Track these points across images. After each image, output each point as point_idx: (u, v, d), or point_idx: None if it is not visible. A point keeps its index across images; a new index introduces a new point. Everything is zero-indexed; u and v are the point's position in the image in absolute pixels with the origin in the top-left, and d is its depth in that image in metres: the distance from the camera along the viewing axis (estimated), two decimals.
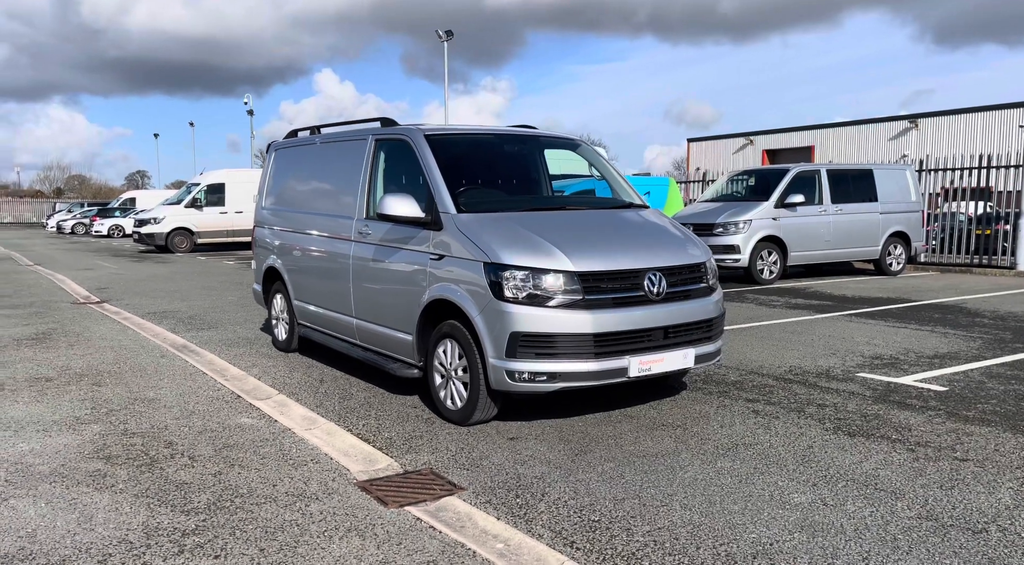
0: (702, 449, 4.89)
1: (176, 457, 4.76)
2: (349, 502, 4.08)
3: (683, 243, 5.74)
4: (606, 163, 6.85)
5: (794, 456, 4.74)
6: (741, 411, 5.73)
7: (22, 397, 6.20)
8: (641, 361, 5.13)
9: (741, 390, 6.34)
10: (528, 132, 6.81)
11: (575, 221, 5.74)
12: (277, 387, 6.58)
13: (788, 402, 5.96)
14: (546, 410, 5.73)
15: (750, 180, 16.09)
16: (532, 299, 4.98)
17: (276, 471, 4.53)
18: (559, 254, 5.06)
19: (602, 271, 5.11)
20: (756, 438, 5.10)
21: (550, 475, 4.47)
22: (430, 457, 4.82)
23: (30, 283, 15.90)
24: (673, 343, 5.32)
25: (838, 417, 5.54)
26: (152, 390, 6.45)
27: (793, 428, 5.30)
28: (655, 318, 5.21)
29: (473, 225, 5.37)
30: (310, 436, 5.23)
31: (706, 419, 5.54)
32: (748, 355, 7.74)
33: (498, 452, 4.88)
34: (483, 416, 5.34)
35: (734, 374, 6.92)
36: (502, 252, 5.09)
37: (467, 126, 6.66)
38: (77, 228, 46.28)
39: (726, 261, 14.12)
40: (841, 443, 4.97)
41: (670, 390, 6.31)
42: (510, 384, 5.04)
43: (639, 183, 17.74)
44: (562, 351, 4.97)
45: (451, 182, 5.72)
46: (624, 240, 5.54)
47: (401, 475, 4.56)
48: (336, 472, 4.55)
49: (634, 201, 6.45)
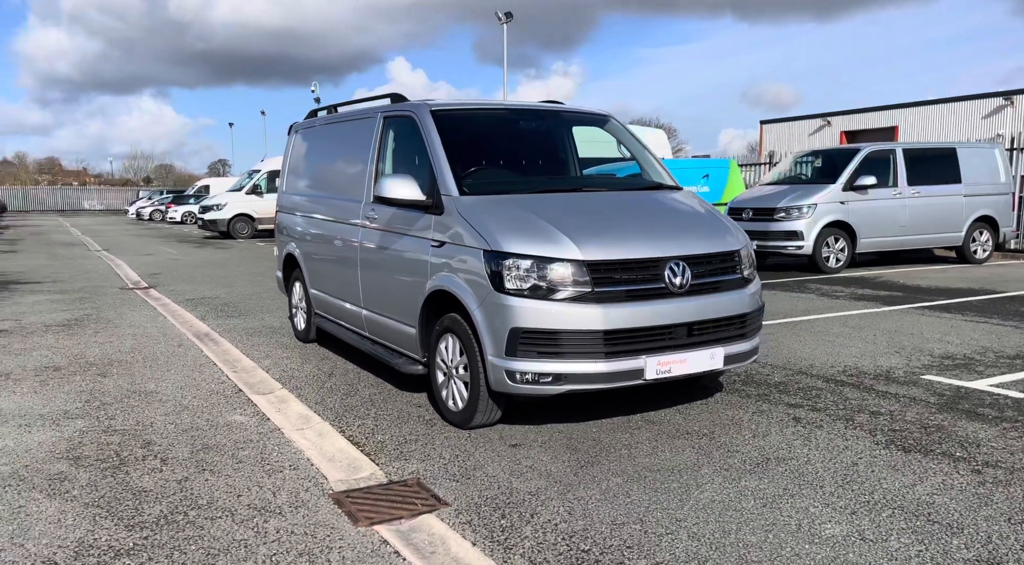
0: (727, 463, 4.28)
1: (148, 459, 4.41)
2: (314, 518, 3.64)
3: (714, 228, 5.10)
4: (636, 142, 6.22)
5: (834, 475, 4.08)
6: (780, 418, 5.08)
7: (21, 388, 5.98)
8: (660, 362, 4.54)
9: (784, 393, 5.66)
10: (549, 107, 6.23)
11: (592, 204, 5.15)
12: (284, 380, 6.21)
13: (836, 409, 5.27)
14: (557, 413, 5.19)
15: (816, 161, 15.07)
16: (536, 291, 4.44)
17: (247, 479, 4.12)
18: (566, 241, 4.50)
19: (615, 260, 4.53)
20: (792, 451, 4.45)
21: (547, 490, 3.95)
22: (420, 465, 4.35)
23: (89, 268, 16.11)
24: (698, 342, 4.70)
25: (893, 428, 4.84)
26: (155, 382, 6.17)
27: (838, 440, 4.63)
28: (677, 313, 4.61)
29: (475, 208, 4.85)
30: (299, 437, 4.83)
31: (738, 427, 4.91)
32: (798, 352, 7.02)
33: (495, 461, 4.37)
34: (485, 419, 4.84)
35: (779, 374, 6.24)
36: (503, 238, 4.56)
37: (481, 101, 6.12)
38: (154, 215, 47.60)
39: (788, 248, 13.24)
40: (893, 460, 4.29)
41: (702, 392, 5.68)
42: (510, 385, 4.52)
43: (698, 166, 16.89)
44: (568, 350, 4.42)
45: (457, 162, 5.21)
46: (645, 225, 4.93)
47: (383, 486, 4.10)
48: (312, 481, 4.12)
49: (664, 182, 5.82)
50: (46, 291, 12.12)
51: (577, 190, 5.38)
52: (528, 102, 6.29)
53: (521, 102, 6.27)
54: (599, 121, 6.34)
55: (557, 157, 6.16)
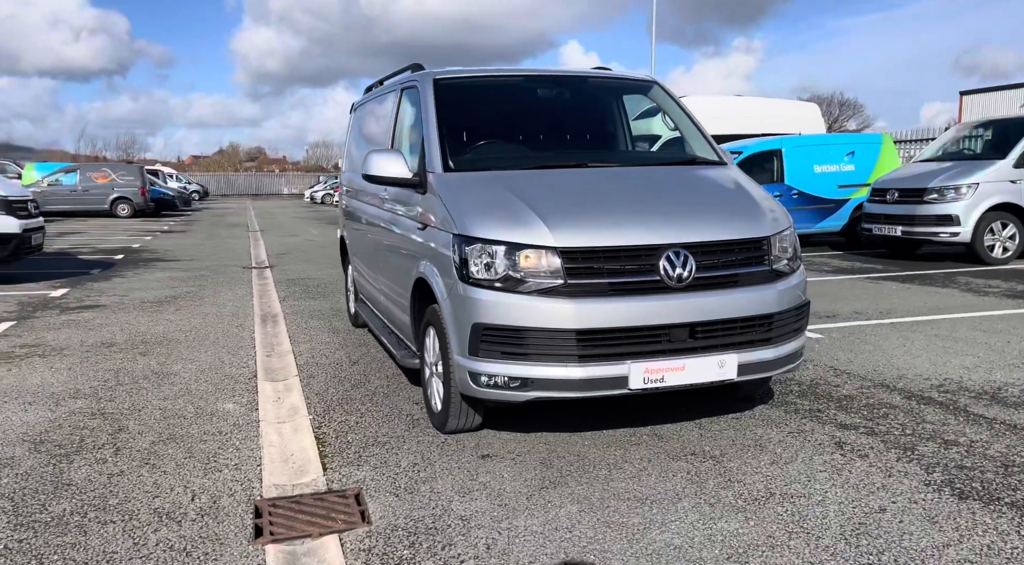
0: (716, 497, 3.51)
1: (103, 449, 4.24)
2: (211, 530, 3.28)
3: (739, 210, 4.26)
4: (681, 111, 5.37)
5: (844, 524, 3.22)
6: (819, 442, 4.18)
7: (61, 364, 6.11)
8: (648, 369, 3.80)
9: (843, 410, 4.70)
10: (575, 72, 5.53)
11: (591, 182, 4.45)
12: (305, 367, 5.97)
13: (899, 434, 4.28)
14: (554, 421, 4.56)
15: (986, 133, 13.06)
16: (502, 282, 3.85)
17: (180, 478, 3.84)
18: (539, 225, 3.86)
19: (594, 247, 3.83)
20: (808, 487, 3.60)
21: (484, 516, 3.37)
22: (371, 473, 3.89)
23: (231, 248, 16.94)
24: (703, 346, 3.91)
25: (962, 465, 3.83)
26: (183, 363, 6.11)
27: (877, 476, 3.70)
28: (675, 311, 3.85)
29: (454, 187, 4.31)
30: (271, 432, 4.53)
31: (759, 450, 4.08)
32: (895, 359, 5.91)
33: (451, 475, 3.84)
34: (461, 425, 4.31)
35: (851, 385, 5.23)
36: (471, 221, 3.99)
37: (499, 69, 5.48)
38: (325, 198, 50.12)
39: (940, 235, 11.56)
40: (936, 509, 3.34)
41: (743, 403, 4.84)
42: (474, 389, 3.96)
43: (841, 142, 15.21)
44: (535, 351, 3.79)
45: (457, 135, 4.70)
46: (648, 207, 4.18)
47: (316, 495, 3.69)
48: (245, 484, 3.78)
49: (703, 156, 4.98)
50: (174, 269, 12.77)
51: (582, 165, 4.67)
52: (553, 68, 5.61)
53: (544, 68, 5.59)
54: (641, 87, 5.55)
55: (591, 129, 5.44)
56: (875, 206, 12.71)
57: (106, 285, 10.70)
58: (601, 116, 5.54)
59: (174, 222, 27.44)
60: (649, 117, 18.48)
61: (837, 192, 14.55)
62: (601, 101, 5.54)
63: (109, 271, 12.40)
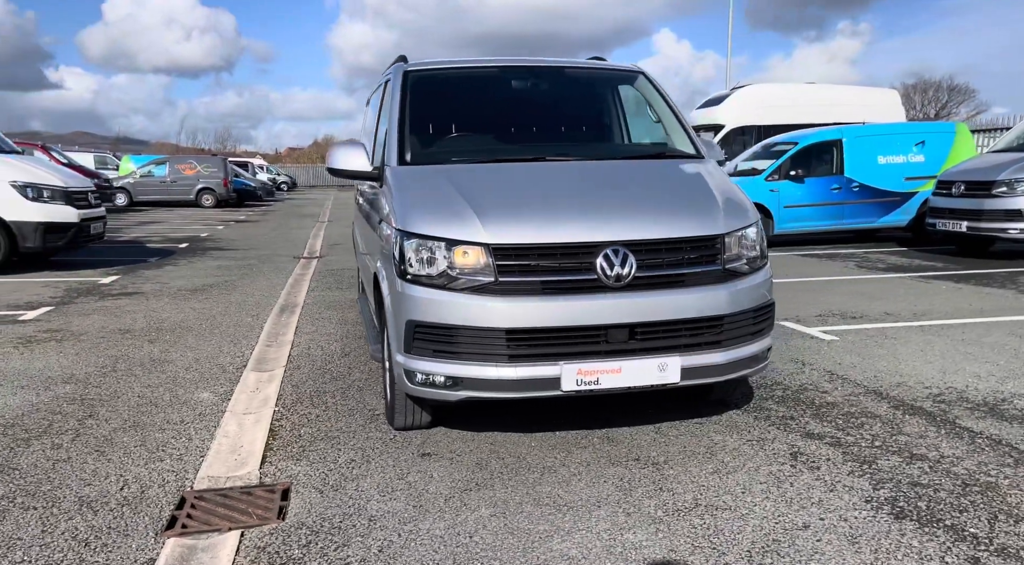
0: (636, 506, 3.36)
1: (65, 434, 4.38)
2: (121, 521, 3.32)
3: (694, 206, 4.05)
4: (664, 103, 5.14)
5: (755, 541, 3.03)
6: (774, 451, 3.95)
7: (72, 349, 6.36)
8: (581, 370, 3.67)
9: (818, 418, 4.44)
10: (553, 62, 5.34)
11: (543, 176, 4.31)
12: (296, 358, 6.04)
13: (865, 446, 4.01)
14: (516, 419, 4.46)
15: None
16: (434, 279, 3.78)
17: (120, 466, 3.92)
18: (474, 220, 3.77)
19: (528, 244, 3.71)
20: (740, 499, 3.40)
21: (392, 517, 3.33)
22: (308, 468, 3.90)
23: (292, 237, 17.38)
24: (643, 349, 3.75)
25: (916, 482, 3.55)
26: (183, 351, 6.27)
27: (818, 491, 3.47)
28: (612, 311, 3.69)
29: (403, 180, 4.25)
30: (232, 423, 4.59)
31: (708, 457, 3.88)
32: (905, 364, 5.55)
33: (383, 472, 3.81)
34: (410, 422, 4.27)
35: (841, 390, 4.94)
36: (410, 216, 3.93)
37: (476, 59, 5.35)
38: None
39: (1008, 231, 10.81)
40: (864, 528, 3.11)
41: (719, 405, 4.63)
42: (410, 387, 3.91)
43: (910, 131, 14.40)
44: (465, 350, 3.71)
45: (422, 127, 4.64)
46: (593, 202, 4.01)
47: (244, 489, 3.71)
48: (181, 474, 3.83)
49: (674, 150, 4.77)
50: (227, 258, 13.17)
51: (540, 159, 4.52)
52: (536, 58, 5.45)
53: (525, 58, 5.42)
54: (626, 78, 5.35)
55: (568, 121, 5.27)
56: (940, 200, 12.00)
57: (155, 273, 11.12)
58: (580, 108, 5.37)
59: (252, 212, 28.36)
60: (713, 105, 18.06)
61: (903, 185, 13.82)
62: (581, 92, 5.37)
63: (166, 259, 12.89)
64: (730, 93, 19.14)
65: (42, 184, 11.03)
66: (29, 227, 10.82)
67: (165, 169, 31.57)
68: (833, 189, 13.59)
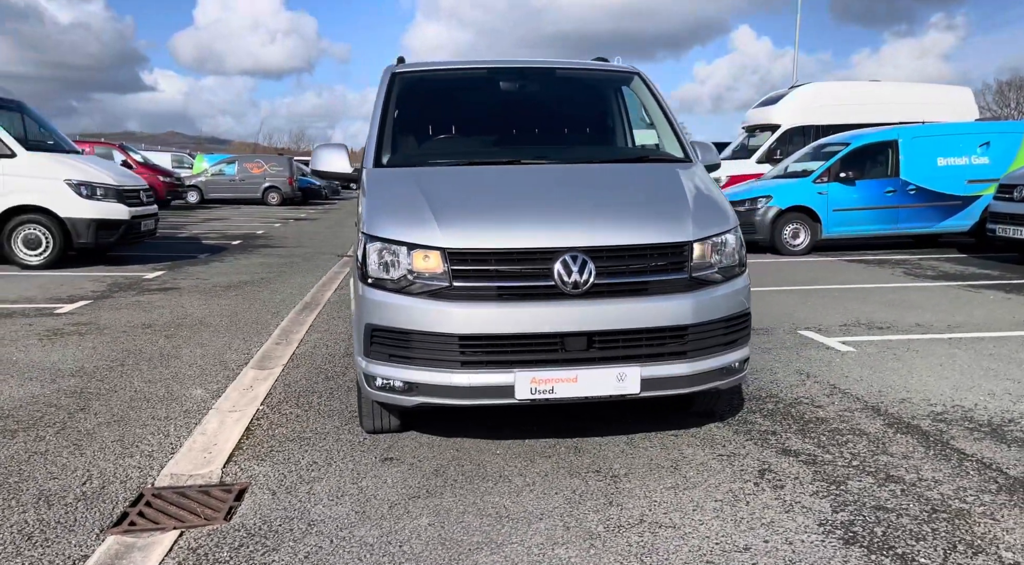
0: (578, 521, 3.26)
1: (51, 427, 4.51)
2: (71, 516, 3.38)
3: (662, 212, 3.91)
4: (658, 106, 4.99)
5: (692, 562, 2.91)
6: (742, 468, 3.79)
7: (89, 342, 6.58)
8: (536, 379, 3.59)
9: (802, 433, 4.25)
10: (544, 63, 5.23)
11: (515, 180, 4.23)
12: (299, 356, 6.11)
13: (842, 465, 3.81)
14: (489, 425, 4.40)
15: None
16: (398, 283, 3.75)
17: (92, 460, 4.02)
18: (432, 224, 3.73)
19: (483, 249, 3.64)
20: (688, 517, 3.27)
21: (335, 522, 3.31)
22: (270, 469, 3.92)
23: (343, 236, 17.63)
24: (601, 357, 3.65)
25: (881, 506, 3.36)
26: (193, 347, 6.41)
27: (773, 512, 3.31)
28: (569, 319, 3.60)
29: (374, 183, 4.25)
30: (214, 420, 4.66)
31: (671, 472, 3.75)
32: (916, 379, 5.28)
33: (339, 476, 3.81)
34: (379, 426, 4.26)
35: (838, 405, 4.72)
36: (373, 219, 3.92)
37: (469, 61, 5.28)
38: None
39: None
40: (807, 553, 2.95)
41: (703, 417, 4.49)
42: (369, 391, 3.89)
43: (975, 131, 13.71)
44: (420, 355, 3.67)
45: (405, 129, 4.64)
46: (562, 206, 3.91)
47: (201, 488, 3.75)
48: (146, 471, 3.91)
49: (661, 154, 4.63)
50: (272, 255, 13.46)
51: (515, 162, 4.44)
52: (529, 59, 5.36)
53: (516, 59, 5.33)
54: (621, 79, 5.22)
55: (556, 123, 5.16)
56: (1001, 204, 11.41)
57: (199, 269, 11.44)
58: (567, 110, 5.26)
59: (313, 210, 28.95)
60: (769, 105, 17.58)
61: (965, 188, 13.18)
62: (570, 94, 5.27)
63: (215, 255, 13.25)
64: (787, 92, 18.58)
65: (95, 182, 11.47)
66: (82, 223, 11.27)
67: (235, 168, 32.53)
68: (887, 192, 13.05)
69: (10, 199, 11.04)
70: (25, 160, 11.09)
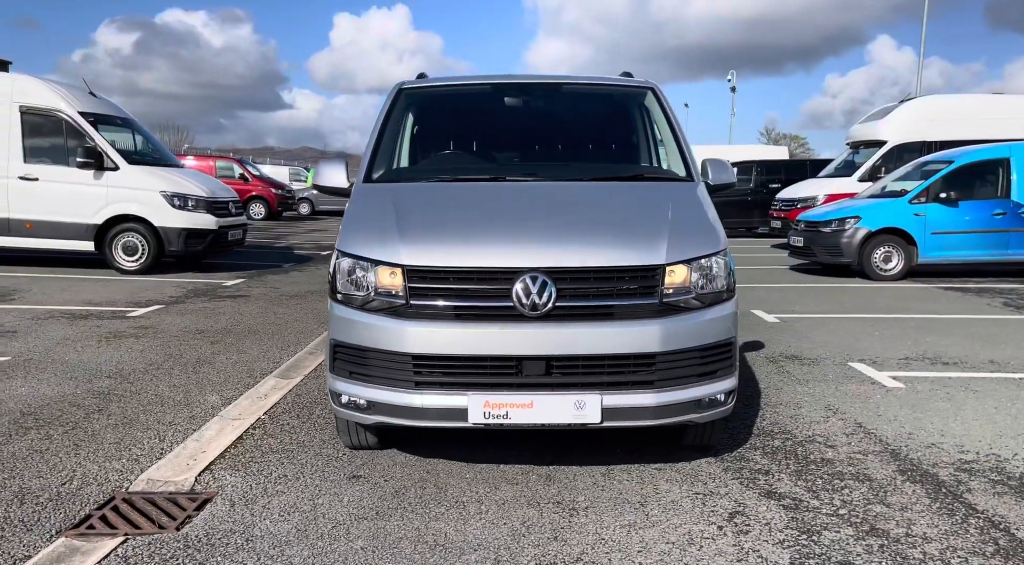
0: (512, 556, 3.11)
1: (63, 425, 4.71)
2: (36, 515, 3.49)
3: (636, 234, 3.69)
4: (668, 123, 4.73)
5: None
6: (714, 509, 3.52)
7: (140, 345, 6.87)
8: (489, 403, 3.46)
9: (797, 475, 3.92)
10: (556, 78, 5.07)
11: (492, 196, 4.09)
12: (323, 367, 6.17)
13: (827, 513, 3.47)
14: (474, 446, 4.29)
15: None
16: (362, 300, 3.72)
17: (81, 461, 4.16)
18: (394, 241, 3.67)
19: (440, 267, 3.55)
20: (629, 559, 3.05)
21: (274, 539, 3.29)
22: (243, 481, 3.95)
23: None
24: (559, 384, 3.47)
25: (846, 562, 3.03)
26: (230, 353, 6.60)
27: (724, 561, 3.05)
28: (527, 342, 3.46)
29: (357, 199, 4.24)
30: (213, 427, 4.75)
31: (636, 509, 3.53)
32: (958, 423, 4.80)
33: (302, 491, 3.79)
34: (355, 442, 4.22)
35: (853, 447, 4.33)
36: (345, 234, 3.91)
37: (480, 76, 5.16)
38: None
39: None
40: None
41: (697, 451, 4.22)
42: (335, 408, 3.87)
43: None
44: (376, 373, 3.62)
45: (403, 145, 4.61)
46: (531, 226, 3.75)
47: (169, 495, 3.81)
48: (125, 475, 4.02)
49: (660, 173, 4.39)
50: None
51: (499, 179, 4.30)
52: (540, 74, 5.22)
53: (527, 75, 5.17)
54: (634, 94, 5.00)
55: (563, 139, 5.00)
56: None
57: (277, 278, 11.85)
58: (572, 127, 5.08)
59: None
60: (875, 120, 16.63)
61: None
62: (577, 111, 5.09)
63: (298, 266, 13.70)
64: (896, 106, 17.49)
65: (187, 194, 12.11)
66: (173, 232, 11.92)
67: None
68: (996, 215, 12.04)
69: (112, 208, 11.82)
70: (127, 172, 11.84)
